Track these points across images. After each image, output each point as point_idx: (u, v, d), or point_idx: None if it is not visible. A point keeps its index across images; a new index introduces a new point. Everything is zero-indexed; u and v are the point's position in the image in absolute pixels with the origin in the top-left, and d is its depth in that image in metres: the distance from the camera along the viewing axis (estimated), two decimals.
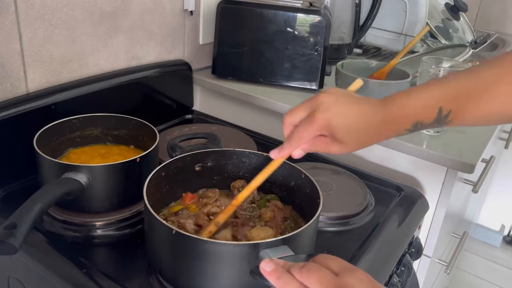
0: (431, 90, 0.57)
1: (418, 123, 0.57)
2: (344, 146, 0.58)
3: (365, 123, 0.57)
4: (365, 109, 0.58)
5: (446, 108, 0.56)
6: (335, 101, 0.58)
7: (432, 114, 0.56)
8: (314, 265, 0.45)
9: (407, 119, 0.57)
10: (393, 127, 0.58)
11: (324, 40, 1.11)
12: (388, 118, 0.57)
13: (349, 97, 0.60)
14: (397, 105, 0.57)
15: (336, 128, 0.57)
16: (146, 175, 0.65)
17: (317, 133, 0.58)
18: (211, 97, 1.24)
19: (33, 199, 0.62)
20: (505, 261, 2.18)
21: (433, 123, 0.57)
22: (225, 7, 1.12)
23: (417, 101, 0.57)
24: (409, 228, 0.87)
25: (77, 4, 0.89)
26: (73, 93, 0.90)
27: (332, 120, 0.57)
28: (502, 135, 1.51)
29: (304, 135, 0.58)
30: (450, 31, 1.58)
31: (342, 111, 0.57)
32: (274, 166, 0.63)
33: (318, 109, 0.57)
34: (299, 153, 0.61)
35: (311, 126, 0.57)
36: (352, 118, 0.57)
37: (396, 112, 0.57)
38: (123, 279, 0.64)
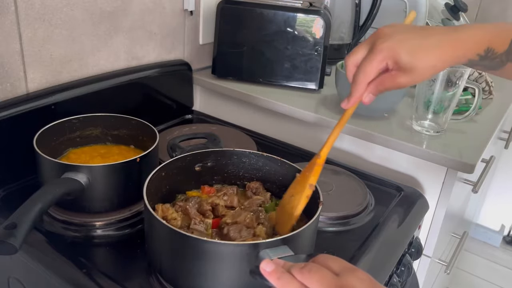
0: (504, 23, 0.56)
1: (490, 49, 0.55)
2: (413, 73, 0.55)
3: (433, 42, 0.55)
4: (431, 32, 0.56)
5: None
6: (396, 30, 0.56)
7: (504, 44, 0.55)
8: (314, 265, 0.45)
9: (481, 41, 0.55)
10: (465, 48, 0.55)
11: (324, 40, 1.11)
12: (459, 40, 0.55)
13: (410, 26, 0.57)
14: (471, 27, 0.56)
15: (401, 53, 0.54)
16: (146, 175, 0.65)
17: (382, 65, 0.55)
18: (211, 97, 1.24)
19: (33, 199, 0.62)
20: (505, 261, 2.18)
21: (503, 55, 0.55)
22: (225, 7, 1.12)
23: (491, 27, 0.55)
24: (409, 228, 0.87)
25: (77, 4, 0.89)
26: (73, 93, 0.90)
27: (396, 46, 0.54)
28: (502, 135, 1.51)
29: (368, 70, 0.55)
30: None
31: (406, 37, 0.55)
32: (347, 115, 0.61)
33: (378, 40, 0.55)
34: (369, 97, 0.58)
35: (374, 58, 0.55)
36: (418, 39, 0.55)
37: (470, 32, 0.55)
38: (123, 279, 0.64)
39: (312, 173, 0.63)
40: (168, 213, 0.67)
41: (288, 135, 1.11)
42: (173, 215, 0.67)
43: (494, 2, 2.04)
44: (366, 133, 0.99)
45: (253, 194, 0.74)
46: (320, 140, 1.10)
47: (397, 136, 0.97)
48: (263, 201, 0.72)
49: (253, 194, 0.74)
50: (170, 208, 0.68)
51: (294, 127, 1.12)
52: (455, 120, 1.03)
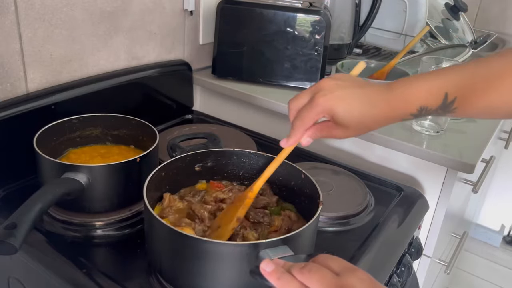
0: (438, 76, 0.57)
1: (423, 108, 0.56)
2: (347, 130, 0.58)
3: (369, 106, 0.57)
4: (368, 92, 0.57)
5: (452, 94, 0.55)
6: (337, 85, 0.57)
7: (437, 99, 0.56)
8: (314, 265, 0.45)
9: (412, 102, 0.56)
10: (398, 110, 0.57)
11: (324, 40, 1.11)
12: (393, 101, 0.56)
13: (352, 81, 0.59)
14: (403, 88, 0.57)
15: (337, 111, 0.56)
16: (146, 175, 0.65)
17: (319, 117, 0.58)
18: (211, 97, 1.24)
19: (33, 199, 0.62)
20: (505, 261, 2.18)
21: (438, 110, 0.56)
22: (225, 7, 1.12)
23: (423, 85, 0.56)
24: (409, 228, 0.87)
25: (77, 4, 0.89)
26: (73, 93, 0.90)
27: (333, 103, 0.56)
28: (502, 135, 1.51)
29: (306, 119, 0.58)
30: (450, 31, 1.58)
31: (344, 94, 0.57)
32: (284, 154, 0.64)
33: (319, 93, 0.57)
34: (307, 140, 0.61)
35: (312, 109, 0.57)
36: (355, 101, 0.57)
37: (402, 95, 0.56)
38: (123, 279, 0.64)
39: (242, 206, 0.64)
40: (174, 204, 0.69)
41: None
42: (178, 204, 0.69)
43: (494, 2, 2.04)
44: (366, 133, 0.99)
45: (259, 195, 0.74)
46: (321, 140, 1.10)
47: (397, 136, 0.97)
48: (268, 203, 0.72)
49: (259, 195, 0.74)
50: (177, 199, 0.69)
51: None
52: (455, 120, 1.03)
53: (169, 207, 0.69)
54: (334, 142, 1.08)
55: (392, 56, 1.28)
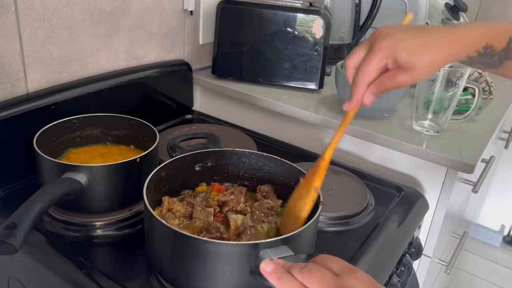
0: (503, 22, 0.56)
1: (489, 46, 0.55)
2: (412, 71, 0.55)
3: (432, 39, 0.55)
4: (430, 30, 0.56)
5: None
6: (394, 29, 0.56)
7: (503, 41, 0.55)
8: (314, 265, 0.45)
9: (479, 38, 0.55)
10: (463, 45, 0.55)
11: (324, 40, 1.11)
12: (459, 35, 0.55)
13: (408, 26, 0.58)
14: (470, 24, 0.56)
15: (400, 51, 0.54)
16: (146, 175, 0.65)
17: (381, 64, 0.55)
18: (211, 97, 1.24)
19: (33, 199, 0.62)
20: (505, 261, 2.18)
21: (501, 53, 0.56)
22: (225, 7, 1.12)
23: (490, 25, 0.56)
24: (409, 228, 0.87)
25: (77, 4, 0.89)
26: (73, 93, 0.90)
27: (395, 45, 0.54)
28: (502, 135, 1.51)
29: (368, 70, 0.55)
30: None
31: (404, 35, 0.55)
32: (349, 117, 0.60)
33: (378, 39, 0.55)
34: (370, 98, 0.58)
35: (373, 57, 0.55)
36: (417, 39, 0.55)
37: (468, 30, 0.55)
38: (123, 279, 0.64)
39: (317, 176, 0.62)
40: (174, 206, 0.68)
41: (288, 135, 1.11)
42: (178, 207, 0.68)
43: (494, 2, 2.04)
44: (366, 133, 0.99)
45: (263, 197, 0.74)
46: (320, 140, 1.11)
47: (397, 136, 0.97)
48: (272, 206, 0.71)
49: (263, 198, 0.74)
50: (177, 202, 0.69)
51: (294, 127, 1.12)
52: (455, 120, 1.03)
53: (169, 211, 0.68)
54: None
55: None
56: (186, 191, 0.74)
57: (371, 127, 1.00)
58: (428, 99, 0.98)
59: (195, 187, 0.76)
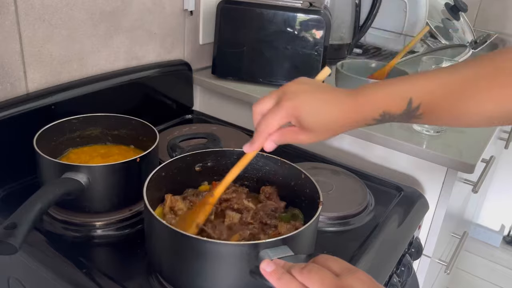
0: (404, 82, 0.56)
1: (386, 113, 0.55)
2: (312, 134, 0.58)
3: (333, 110, 0.57)
4: (332, 97, 0.58)
5: (416, 100, 0.54)
6: (302, 89, 0.58)
7: (401, 105, 0.54)
8: (315, 266, 0.45)
9: (375, 107, 0.56)
10: (361, 114, 0.57)
11: (324, 40, 1.11)
12: (356, 105, 0.56)
13: (317, 86, 0.60)
14: (366, 93, 0.56)
15: (302, 115, 0.56)
16: (146, 175, 0.65)
17: (284, 121, 0.58)
18: (211, 97, 1.24)
19: (33, 199, 0.62)
20: (505, 261, 2.18)
21: (403, 115, 0.55)
22: (225, 7, 1.12)
23: (387, 90, 0.56)
24: (409, 228, 0.87)
25: (77, 4, 0.89)
26: (73, 93, 0.90)
27: (299, 107, 0.56)
28: (502, 135, 1.51)
29: (271, 123, 0.57)
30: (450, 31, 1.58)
31: (309, 99, 0.57)
32: (247, 159, 0.63)
33: (284, 97, 0.57)
34: (271, 145, 0.60)
35: (278, 113, 0.57)
36: (320, 105, 0.57)
37: (364, 99, 0.56)
38: (123, 279, 0.64)
39: (202, 212, 0.64)
40: (176, 204, 0.68)
41: None
42: (181, 206, 0.68)
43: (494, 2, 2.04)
44: (366, 133, 0.99)
45: (266, 198, 0.74)
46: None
47: (397, 136, 0.97)
48: (276, 208, 0.71)
49: (266, 199, 0.73)
50: (179, 200, 0.69)
51: None
52: None
53: (171, 210, 0.68)
54: (334, 142, 1.08)
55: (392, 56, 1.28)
56: (189, 190, 0.74)
57: (371, 127, 0.99)
58: None
59: (196, 187, 0.76)
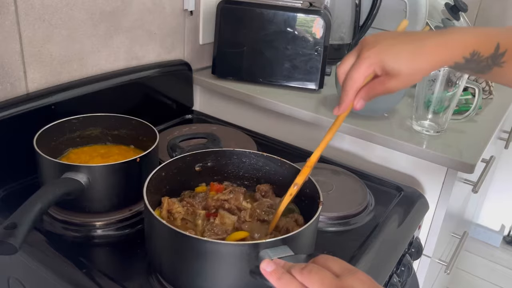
0: (492, 28, 0.57)
1: (476, 52, 0.55)
2: (400, 78, 0.56)
3: (418, 46, 0.56)
4: (418, 37, 0.57)
5: (503, 46, 0.55)
6: (381, 37, 0.57)
7: (490, 47, 0.55)
8: (315, 266, 0.45)
9: (467, 44, 0.56)
10: (451, 51, 0.56)
11: (324, 40, 1.11)
12: (446, 41, 0.56)
13: (397, 32, 0.59)
14: (457, 30, 0.57)
15: (386, 58, 0.55)
16: (146, 175, 0.65)
17: (368, 71, 0.57)
18: (211, 97, 1.24)
19: (33, 199, 0.62)
20: (505, 261, 2.18)
21: (489, 59, 0.56)
22: (225, 7, 1.12)
23: (477, 32, 0.56)
24: (409, 228, 0.87)
25: (77, 4, 0.89)
26: (73, 93, 0.90)
27: (381, 52, 0.55)
28: (502, 135, 1.51)
29: (356, 77, 0.57)
30: None
31: (391, 42, 0.56)
32: (339, 121, 0.62)
33: (364, 48, 0.56)
34: (360, 103, 0.59)
35: (360, 65, 0.56)
36: (404, 46, 0.56)
37: (456, 36, 0.56)
38: (123, 279, 0.64)
39: (299, 173, 0.65)
40: (174, 207, 0.68)
41: (288, 135, 1.11)
42: (178, 209, 0.68)
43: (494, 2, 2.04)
44: (366, 133, 0.99)
45: (261, 196, 0.74)
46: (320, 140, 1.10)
47: (397, 136, 0.97)
48: (272, 204, 0.71)
49: (261, 197, 0.74)
50: (176, 203, 0.69)
51: (294, 127, 1.12)
52: (455, 120, 1.03)
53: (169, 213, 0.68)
54: (334, 142, 1.08)
55: None
56: (186, 192, 0.74)
57: (371, 127, 1.00)
58: (428, 99, 0.98)
59: (195, 187, 0.76)
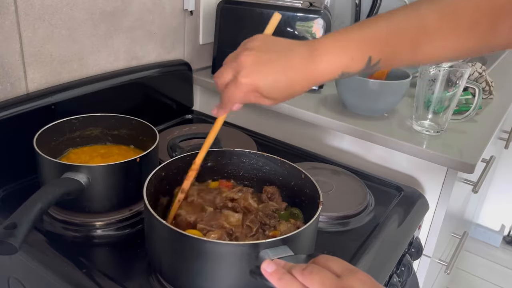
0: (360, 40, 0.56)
1: (345, 73, 0.57)
2: (275, 101, 0.60)
3: (292, 78, 0.58)
4: (290, 62, 0.59)
5: (376, 57, 0.56)
6: (257, 60, 0.59)
7: (361, 63, 0.56)
8: (316, 266, 0.45)
9: (334, 69, 0.57)
10: (319, 77, 0.59)
11: None
12: (314, 69, 0.58)
13: (271, 50, 0.61)
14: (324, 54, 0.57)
15: (262, 89, 0.58)
16: (146, 175, 0.65)
17: (245, 98, 0.60)
18: (211, 97, 1.24)
19: (33, 199, 0.62)
20: (505, 261, 2.18)
21: (363, 70, 0.57)
22: (225, 7, 1.12)
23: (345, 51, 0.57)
24: (409, 228, 0.87)
25: (77, 4, 0.89)
26: (73, 93, 0.90)
27: (257, 84, 0.58)
28: (502, 135, 1.51)
29: (234, 97, 0.60)
30: None
31: (266, 70, 0.58)
32: (219, 123, 0.66)
33: (241, 73, 0.58)
34: (237, 106, 0.62)
35: (238, 90, 0.59)
36: (278, 75, 0.58)
37: (323, 64, 0.57)
38: (123, 279, 0.64)
39: (186, 178, 0.68)
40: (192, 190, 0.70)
41: (288, 135, 1.11)
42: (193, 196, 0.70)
43: None
44: (366, 133, 0.99)
45: (268, 198, 0.73)
46: (320, 140, 1.11)
47: (397, 136, 0.97)
48: (277, 209, 0.71)
49: (268, 199, 0.73)
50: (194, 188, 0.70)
51: (294, 127, 1.12)
52: (455, 120, 1.03)
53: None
54: (334, 142, 1.08)
55: None
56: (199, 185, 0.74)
57: (371, 127, 1.00)
58: (428, 99, 0.98)
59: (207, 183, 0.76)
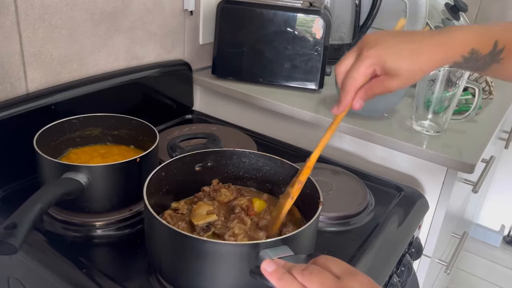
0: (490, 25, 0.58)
1: (475, 51, 0.56)
2: (400, 78, 0.56)
3: (419, 49, 0.56)
4: (417, 37, 0.57)
5: (502, 42, 0.56)
6: (382, 36, 0.57)
7: (488, 44, 0.56)
8: (315, 267, 0.45)
9: (465, 43, 0.56)
10: (449, 50, 0.57)
11: (324, 40, 1.11)
12: (445, 42, 0.56)
13: (396, 31, 0.59)
14: (456, 29, 0.57)
15: (387, 58, 0.55)
16: (146, 175, 0.65)
17: (369, 71, 0.57)
18: (211, 97, 1.24)
19: (33, 199, 0.62)
20: (505, 261, 2.18)
21: (487, 56, 0.57)
22: (225, 7, 1.12)
23: (475, 30, 0.57)
24: (409, 228, 0.87)
25: (77, 4, 0.89)
26: (73, 93, 0.90)
27: (381, 52, 0.55)
28: (502, 135, 1.52)
29: (356, 76, 0.57)
30: None
31: (391, 42, 0.56)
32: (338, 121, 0.62)
33: (366, 46, 0.56)
34: (359, 103, 0.59)
35: (361, 64, 0.56)
36: (404, 47, 0.56)
37: (455, 35, 0.57)
38: (123, 279, 0.64)
39: (302, 173, 0.66)
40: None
41: (288, 135, 1.11)
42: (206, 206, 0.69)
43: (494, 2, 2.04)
44: (366, 133, 0.99)
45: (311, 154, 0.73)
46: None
47: (397, 136, 0.97)
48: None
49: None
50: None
51: (294, 127, 1.12)
52: (455, 120, 1.03)
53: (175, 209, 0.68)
54: (334, 142, 1.08)
55: None
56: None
57: (371, 127, 1.00)
58: (428, 99, 0.98)
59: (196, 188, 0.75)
